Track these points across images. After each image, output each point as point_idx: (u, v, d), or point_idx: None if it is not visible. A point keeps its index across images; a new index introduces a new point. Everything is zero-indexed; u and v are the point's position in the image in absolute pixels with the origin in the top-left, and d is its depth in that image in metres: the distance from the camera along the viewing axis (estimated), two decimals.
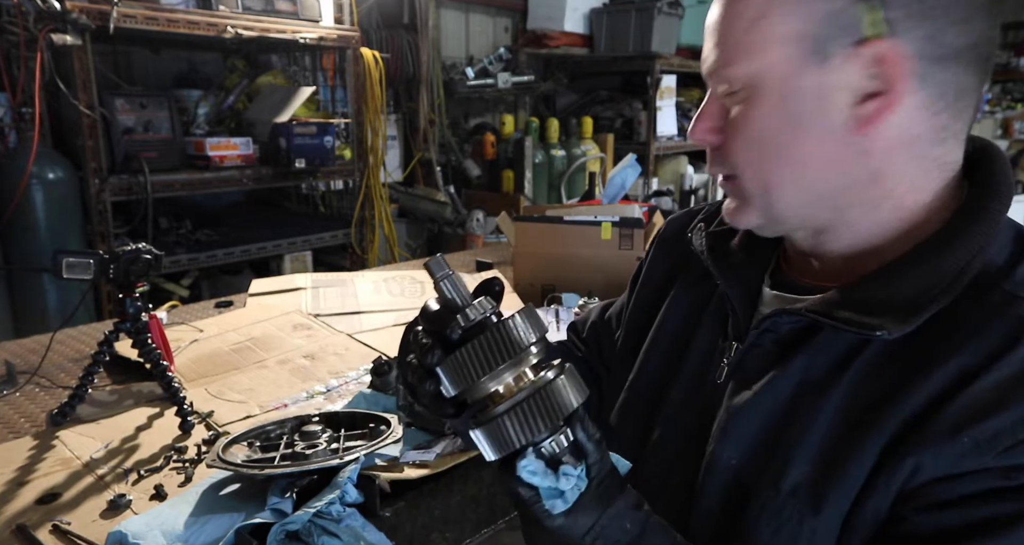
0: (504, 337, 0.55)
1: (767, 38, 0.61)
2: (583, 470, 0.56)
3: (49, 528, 0.99)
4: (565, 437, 0.56)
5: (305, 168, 3.02)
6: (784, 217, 0.66)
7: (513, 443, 0.55)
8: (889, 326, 0.57)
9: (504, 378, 0.56)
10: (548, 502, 0.55)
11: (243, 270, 3.22)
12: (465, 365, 0.55)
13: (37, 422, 1.33)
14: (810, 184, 0.64)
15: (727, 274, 0.74)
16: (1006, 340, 0.55)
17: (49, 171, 2.41)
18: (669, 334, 0.81)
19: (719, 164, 0.68)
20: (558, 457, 0.56)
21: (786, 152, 0.63)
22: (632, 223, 1.92)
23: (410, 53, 3.90)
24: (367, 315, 1.95)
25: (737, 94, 0.64)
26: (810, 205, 0.65)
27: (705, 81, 0.69)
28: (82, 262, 1.26)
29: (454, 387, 0.56)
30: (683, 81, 4.97)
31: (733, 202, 0.70)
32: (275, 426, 1.19)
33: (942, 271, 0.59)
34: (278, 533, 0.93)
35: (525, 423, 0.54)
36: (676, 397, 0.75)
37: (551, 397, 0.55)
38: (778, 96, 0.62)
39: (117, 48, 3.07)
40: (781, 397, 0.64)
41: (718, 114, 0.67)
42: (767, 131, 0.63)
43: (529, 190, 4.20)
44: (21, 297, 2.56)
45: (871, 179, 0.63)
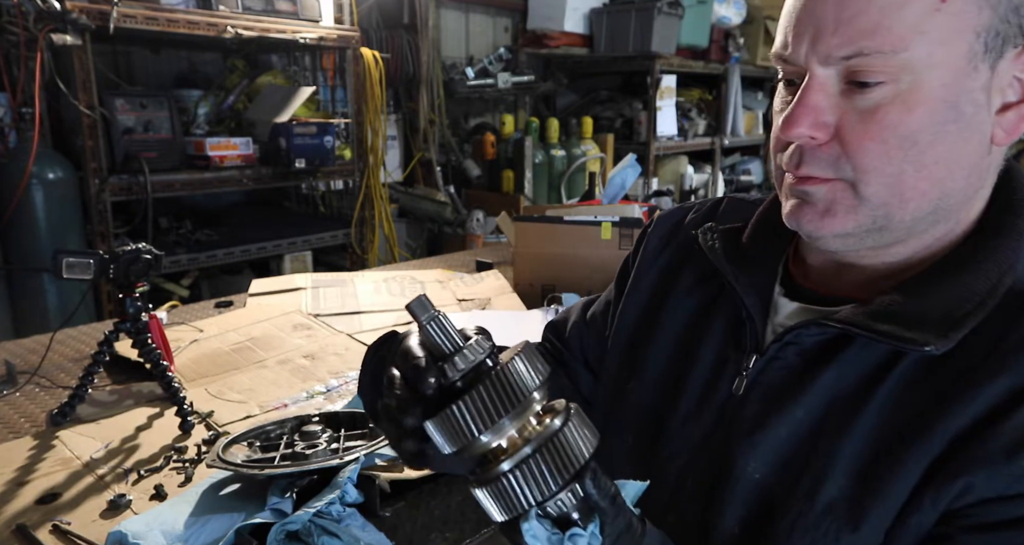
0: (505, 386, 0.49)
1: (955, 27, 0.54)
2: (595, 528, 0.50)
3: (49, 528, 1.00)
4: (574, 493, 0.50)
5: (305, 168, 3.02)
6: (898, 227, 0.60)
7: (521, 504, 0.49)
8: (934, 342, 0.55)
9: (507, 431, 0.50)
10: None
11: (243, 270, 3.23)
12: (462, 421, 0.49)
13: (37, 422, 1.33)
14: (946, 195, 0.58)
15: (743, 280, 0.69)
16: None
17: (49, 171, 2.41)
18: (672, 340, 0.76)
19: (823, 165, 0.59)
20: (566, 515, 0.50)
21: (938, 157, 0.57)
22: (632, 223, 1.92)
23: (410, 53, 3.90)
24: (367, 315, 1.95)
25: (881, 86, 0.56)
26: (927, 216, 0.59)
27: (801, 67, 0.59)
28: (82, 262, 1.26)
29: (450, 446, 0.50)
30: (683, 81, 4.98)
31: (822, 206, 0.60)
32: (275, 426, 1.19)
33: (975, 287, 0.57)
34: (278, 533, 0.93)
35: (533, 482, 0.49)
36: (684, 408, 0.71)
37: (560, 450, 0.49)
38: (948, 93, 0.55)
39: (117, 48, 3.07)
40: (810, 411, 0.61)
41: (831, 107, 0.58)
42: (924, 131, 0.56)
43: (529, 190, 4.20)
44: (21, 297, 2.56)
45: (976, 192, 0.60)
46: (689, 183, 4.95)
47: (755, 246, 0.72)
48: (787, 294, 0.69)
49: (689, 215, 0.84)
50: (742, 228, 0.75)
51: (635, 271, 0.85)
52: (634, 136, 4.68)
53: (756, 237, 0.73)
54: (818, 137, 0.59)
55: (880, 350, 0.59)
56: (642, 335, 0.80)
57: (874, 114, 0.56)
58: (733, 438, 0.65)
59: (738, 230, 0.74)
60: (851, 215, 0.59)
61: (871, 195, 0.58)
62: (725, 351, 0.70)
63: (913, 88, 0.55)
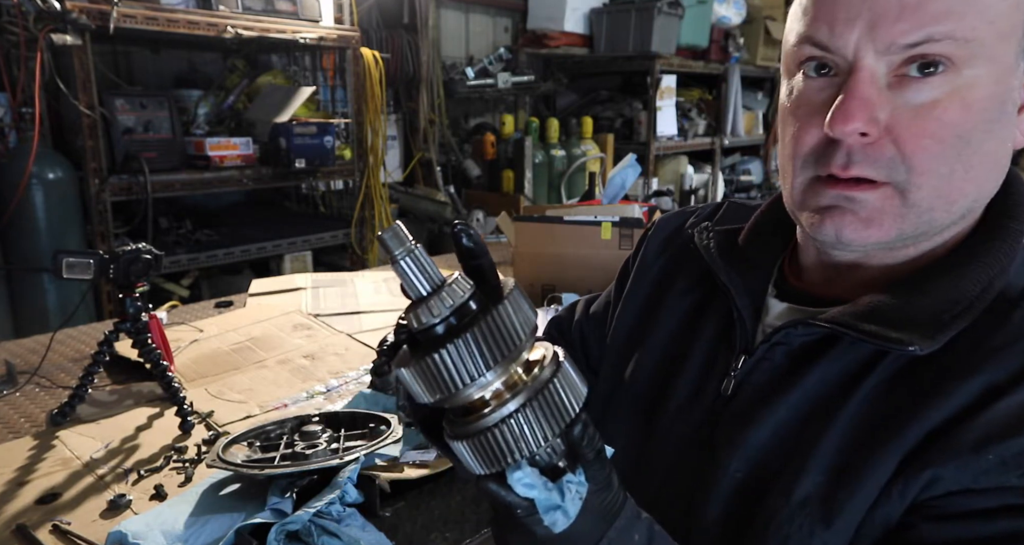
0: (491, 333, 0.44)
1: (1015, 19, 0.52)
2: (582, 477, 0.48)
3: (49, 528, 1.00)
4: (563, 440, 0.48)
5: (305, 168, 3.02)
6: (935, 231, 0.58)
7: (508, 457, 0.46)
8: (918, 342, 0.54)
9: (493, 383, 0.45)
10: (547, 516, 0.47)
11: (243, 270, 3.22)
12: (444, 371, 0.44)
13: (37, 422, 1.33)
14: (982, 197, 0.57)
15: (736, 281, 0.68)
16: None
17: (49, 171, 2.41)
18: (665, 339, 0.76)
19: (876, 165, 0.55)
20: (554, 463, 0.48)
21: (983, 157, 0.55)
22: (632, 223, 1.92)
23: (410, 53, 3.90)
24: (367, 315, 1.95)
25: (939, 79, 0.52)
26: (960, 218, 0.58)
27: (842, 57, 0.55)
28: (82, 262, 1.26)
29: (428, 397, 0.46)
30: (683, 81, 4.98)
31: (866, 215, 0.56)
32: (275, 426, 1.19)
33: (964, 289, 0.56)
34: (278, 533, 0.93)
35: (521, 435, 0.45)
36: (673, 406, 0.70)
37: (550, 401, 0.46)
38: (998, 90, 0.53)
39: (117, 48, 3.07)
40: (794, 410, 0.60)
41: (880, 101, 0.54)
42: (978, 130, 0.54)
43: (529, 190, 4.20)
44: (21, 297, 2.56)
45: (991, 191, 0.59)
46: (689, 183, 4.95)
47: (751, 247, 0.71)
48: (779, 295, 0.69)
49: (690, 219, 0.84)
50: (739, 230, 0.74)
51: (634, 272, 0.85)
52: (634, 136, 4.68)
53: (753, 238, 0.72)
54: (871, 134, 0.54)
55: (865, 350, 0.58)
56: (638, 335, 0.79)
57: (932, 110, 0.53)
58: (718, 437, 0.64)
59: (735, 231, 0.74)
60: (896, 223, 0.56)
61: (920, 200, 0.55)
62: (716, 351, 0.70)
63: (972, 83, 0.52)
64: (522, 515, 0.47)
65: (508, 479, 0.47)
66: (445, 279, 0.46)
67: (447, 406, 0.48)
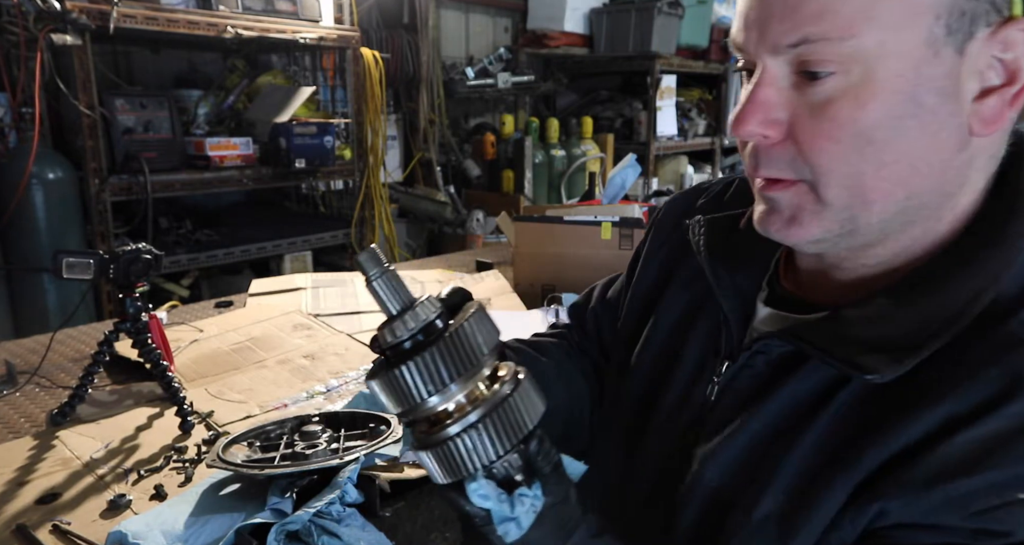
0: (454, 349, 0.48)
1: (905, 9, 0.49)
2: (537, 491, 0.51)
3: (49, 528, 0.99)
4: (520, 455, 0.51)
5: (305, 168, 3.02)
6: (866, 231, 0.55)
7: (466, 468, 0.49)
8: (882, 368, 0.52)
9: (455, 395, 0.49)
10: (501, 526, 0.50)
11: (243, 270, 3.22)
12: (409, 383, 0.47)
13: (37, 422, 1.33)
14: (914, 194, 0.53)
15: (723, 282, 0.66)
16: (998, 392, 0.49)
17: (49, 171, 2.41)
18: (661, 337, 0.74)
19: (779, 165, 0.55)
20: (511, 476, 0.51)
21: (899, 154, 0.52)
22: (632, 223, 1.92)
23: (410, 53, 3.90)
24: (367, 315, 1.95)
25: (831, 77, 0.51)
26: (897, 217, 0.55)
27: (750, 59, 0.55)
28: (82, 262, 1.26)
29: (394, 408, 0.49)
30: (683, 81, 4.98)
31: (788, 213, 0.57)
32: (275, 426, 1.19)
33: (948, 303, 0.53)
34: (278, 533, 0.93)
35: (478, 446, 0.48)
36: (663, 407, 0.70)
37: (506, 416, 0.49)
38: (904, 84, 0.50)
39: (117, 48, 3.07)
40: (768, 422, 0.59)
41: (781, 102, 0.54)
42: (880, 127, 0.51)
43: (529, 190, 4.20)
44: (21, 297, 2.56)
45: (958, 188, 0.55)
46: (689, 183, 4.95)
47: (749, 239, 0.65)
48: (769, 296, 0.66)
49: (700, 200, 0.80)
50: (739, 215, 0.70)
51: (643, 259, 0.82)
52: (634, 136, 4.68)
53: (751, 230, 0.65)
54: (771, 135, 0.55)
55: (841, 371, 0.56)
56: (638, 329, 0.78)
57: (825, 109, 0.52)
58: (698, 443, 0.64)
59: (735, 217, 0.69)
60: (816, 222, 0.55)
61: (833, 198, 0.54)
62: (705, 355, 0.68)
63: (865, 79, 0.51)
64: (479, 524, 0.51)
65: (466, 490, 0.50)
66: (415, 300, 0.50)
67: (415, 418, 0.51)
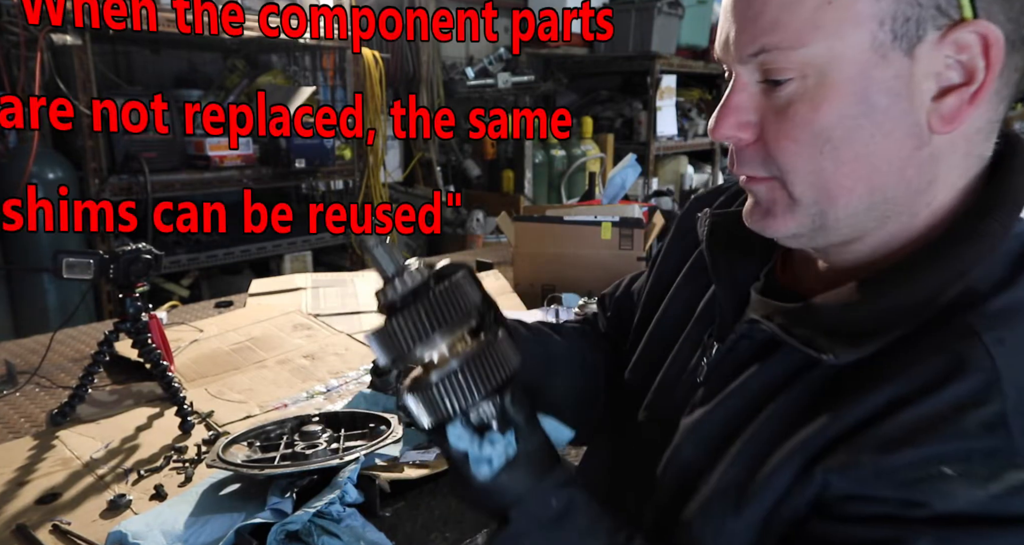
0: (438, 306, 0.55)
1: (848, 18, 0.53)
2: (511, 438, 0.57)
3: (49, 528, 0.99)
4: (495, 405, 0.57)
5: (305, 168, 3.03)
6: (836, 226, 0.59)
7: (446, 412, 0.56)
8: (839, 352, 0.55)
9: (438, 345, 0.56)
10: (474, 466, 0.57)
11: (243, 270, 3.22)
12: (397, 335, 0.54)
13: (37, 422, 1.33)
14: (877, 189, 0.57)
15: (722, 272, 0.71)
16: (940, 376, 0.51)
17: (49, 171, 2.42)
18: (667, 323, 0.79)
19: (752, 164, 0.60)
20: (487, 424, 0.58)
21: (857, 152, 0.55)
22: (632, 223, 1.92)
23: (410, 53, 3.90)
24: (367, 315, 1.95)
25: (790, 83, 0.56)
26: (867, 212, 0.58)
27: (727, 68, 0.60)
28: (82, 262, 1.26)
29: (385, 357, 0.56)
30: (683, 81, 4.98)
31: (764, 206, 0.62)
32: (275, 426, 1.19)
33: (912, 295, 0.56)
34: (278, 533, 0.93)
35: (456, 392, 0.55)
36: (660, 389, 0.75)
37: (481, 367, 0.56)
38: (854, 86, 0.54)
39: (117, 48, 3.07)
40: (741, 402, 0.63)
41: (751, 106, 0.59)
42: (835, 127, 0.55)
43: (529, 190, 4.20)
44: (21, 297, 2.56)
45: (928, 185, 0.58)
46: (689, 183, 4.95)
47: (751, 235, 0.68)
48: (764, 286, 0.70)
49: (720, 198, 0.82)
50: None
51: (663, 252, 0.86)
52: (634, 136, 4.68)
53: None
54: (744, 137, 0.59)
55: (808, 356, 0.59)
56: (648, 318, 0.82)
57: (787, 112, 0.56)
58: (684, 421, 0.68)
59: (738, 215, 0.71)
60: (789, 215, 0.60)
61: (800, 194, 0.58)
62: (701, 339, 0.72)
63: (819, 83, 0.55)
64: (459, 465, 0.58)
65: (447, 433, 0.57)
66: (407, 265, 0.57)
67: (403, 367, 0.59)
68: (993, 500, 0.48)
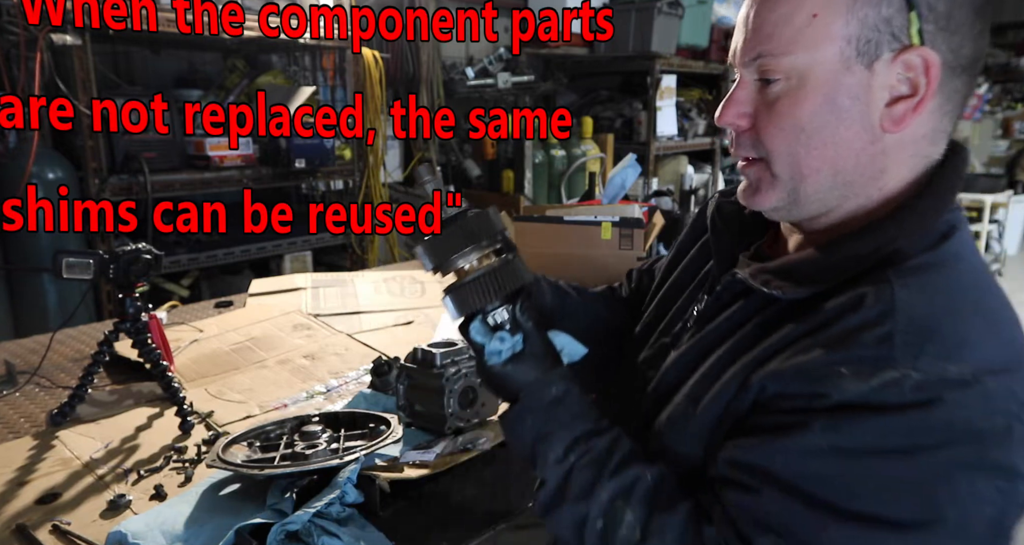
0: (469, 226, 0.74)
1: (824, 35, 0.68)
2: (518, 338, 0.75)
3: (49, 528, 1.00)
4: (508, 310, 0.75)
5: (305, 168, 3.02)
6: (807, 200, 0.74)
7: (471, 306, 0.75)
8: (786, 290, 0.71)
9: (470, 257, 0.75)
10: (488, 357, 0.76)
11: (243, 270, 3.22)
12: (439, 245, 0.75)
13: (37, 422, 1.33)
14: (839, 173, 0.72)
15: (721, 243, 0.87)
16: (852, 306, 0.66)
17: (49, 171, 2.41)
18: (673, 288, 0.94)
19: (747, 147, 0.75)
20: (500, 326, 0.75)
21: (825, 142, 0.70)
22: (632, 223, 1.92)
23: (410, 53, 3.90)
24: (367, 315, 1.95)
25: (779, 83, 0.71)
26: (830, 191, 0.73)
27: (734, 68, 0.75)
28: (82, 262, 1.26)
29: (431, 262, 0.76)
30: (683, 81, 4.97)
31: (753, 185, 0.77)
32: (275, 426, 1.19)
33: (851, 254, 0.70)
34: (278, 533, 0.93)
35: (478, 293, 0.74)
36: (659, 335, 0.90)
37: (500, 278, 0.74)
38: (825, 89, 0.69)
39: (117, 48, 3.07)
40: (715, 336, 0.78)
41: (749, 100, 0.74)
42: (809, 120, 0.70)
43: (529, 190, 4.20)
44: (21, 297, 2.56)
45: (880, 173, 0.72)
46: (689, 183, 4.94)
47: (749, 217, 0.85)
48: (753, 256, 0.85)
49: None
50: None
51: (683, 235, 1.01)
52: (634, 136, 4.67)
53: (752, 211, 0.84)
54: (742, 124, 0.75)
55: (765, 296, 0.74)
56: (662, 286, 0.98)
57: (774, 106, 0.72)
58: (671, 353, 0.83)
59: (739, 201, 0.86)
60: (771, 191, 0.75)
61: (780, 172, 0.73)
62: (696, 297, 0.88)
63: (799, 85, 0.70)
64: (478, 353, 0.77)
65: (469, 328, 0.76)
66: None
67: (444, 271, 0.77)
68: (872, 392, 0.62)
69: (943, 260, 0.68)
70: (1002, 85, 9.03)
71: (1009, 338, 0.67)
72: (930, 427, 0.61)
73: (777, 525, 0.63)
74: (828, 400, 0.63)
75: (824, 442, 0.63)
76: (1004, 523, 0.63)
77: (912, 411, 0.61)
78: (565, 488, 0.73)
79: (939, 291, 0.66)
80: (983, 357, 0.63)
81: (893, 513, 0.61)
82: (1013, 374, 0.63)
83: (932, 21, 0.67)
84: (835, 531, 0.62)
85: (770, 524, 0.64)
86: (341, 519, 0.98)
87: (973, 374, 0.61)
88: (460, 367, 1.22)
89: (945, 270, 0.68)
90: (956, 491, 0.60)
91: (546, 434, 0.74)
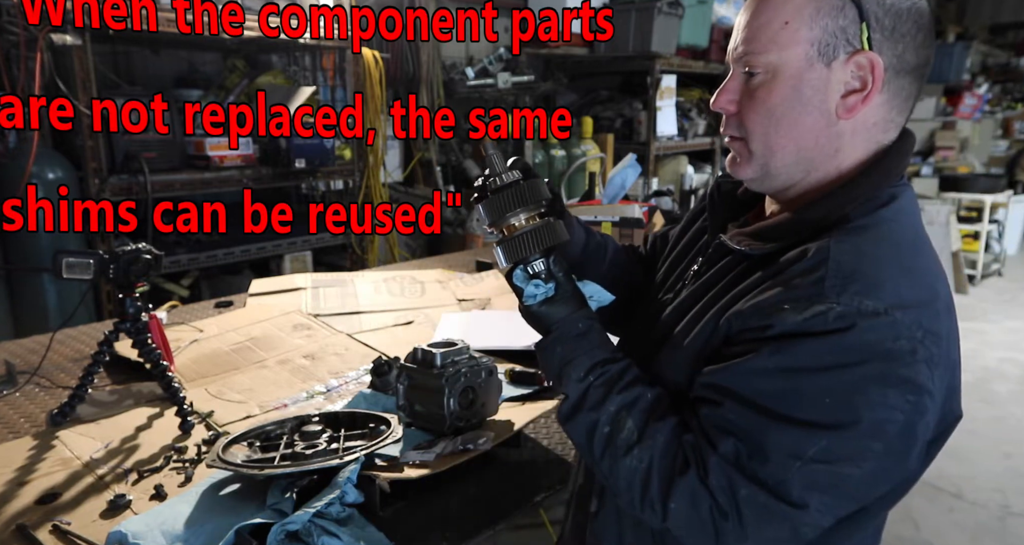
0: (521, 192, 0.91)
1: (794, 39, 0.84)
2: (552, 287, 0.91)
3: (49, 528, 1.00)
4: (544, 262, 0.91)
5: (305, 168, 3.02)
6: (776, 173, 0.90)
7: (515, 257, 0.91)
8: (753, 246, 0.87)
9: (520, 216, 0.92)
10: (527, 299, 0.92)
11: (243, 270, 3.22)
12: (495, 206, 0.91)
13: (37, 422, 1.33)
14: (801, 150, 0.88)
15: (716, 214, 1.02)
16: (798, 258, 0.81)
17: (49, 171, 2.41)
18: (678, 253, 1.09)
19: (732, 128, 0.91)
20: (537, 275, 0.92)
21: (790, 124, 0.86)
22: (632, 223, 1.92)
23: (410, 53, 3.90)
24: (367, 315, 1.95)
25: (758, 76, 0.86)
26: (795, 166, 0.89)
27: (730, 64, 0.91)
28: (82, 262, 1.26)
29: (488, 218, 0.93)
30: (683, 81, 4.97)
31: (737, 158, 0.92)
32: (275, 426, 1.19)
33: (806, 219, 0.86)
34: (278, 533, 0.93)
35: (523, 246, 0.90)
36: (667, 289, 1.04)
37: (540, 234, 0.90)
38: (793, 81, 0.85)
39: (117, 48, 3.07)
40: (703, 288, 0.93)
41: (737, 89, 0.90)
42: (779, 107, 0.86)
43: None
44: (21, 297, 2.56)
45: (835, 153, 0.88)
46: (689, 183, 4.94)
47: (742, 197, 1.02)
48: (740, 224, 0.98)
49: None
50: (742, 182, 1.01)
51: (692, 209, 1.13)
52: (634, 136, 4.67)
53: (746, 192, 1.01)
54: (731, 109, 0.91)
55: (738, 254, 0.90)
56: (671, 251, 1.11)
57: (754, 94, 0.87)
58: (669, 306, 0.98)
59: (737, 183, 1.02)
60: (747, 164, 0.91)
61: (755, 149, 0.89)
62: (696, 258, 1.02)
63: (773, 78, 0.86)
64: (519, 295, 0.94)
65: (512, 275, 0.93)
66: (508, 166, 0.94)
67: (500, 227, 0.93)
68: (804, 321, 0.76)
69: (876, 222, 0.83)
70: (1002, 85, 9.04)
71: (922, 283, 0.81)
72: (848, 348, 0.76)
73: (736, 430, 0.79)
74: (773, 330, 0.78)
75: (771, 364, 0.78)
76: (914, 430, 0.78)
77: (834, 336, 0.76)
78: (582, 401, 0.89)
79: (866, 244, 0.81)
80: (895, 295, 0.77)
81: (822, 417, 0.76)
82: (920, 310, 0.78)
83: (879, 31, 0.82)
84: (779, 432, 0.77)
85: (730, 429, 0.79)
86: (341, 519, 0.98)
87: (886, 308, 0.75)
88: (460, 367, 1.22)
89: (876, 230, 0.82)
90: (870, 399, 0.75)
91: (571, 359, 0.90)
